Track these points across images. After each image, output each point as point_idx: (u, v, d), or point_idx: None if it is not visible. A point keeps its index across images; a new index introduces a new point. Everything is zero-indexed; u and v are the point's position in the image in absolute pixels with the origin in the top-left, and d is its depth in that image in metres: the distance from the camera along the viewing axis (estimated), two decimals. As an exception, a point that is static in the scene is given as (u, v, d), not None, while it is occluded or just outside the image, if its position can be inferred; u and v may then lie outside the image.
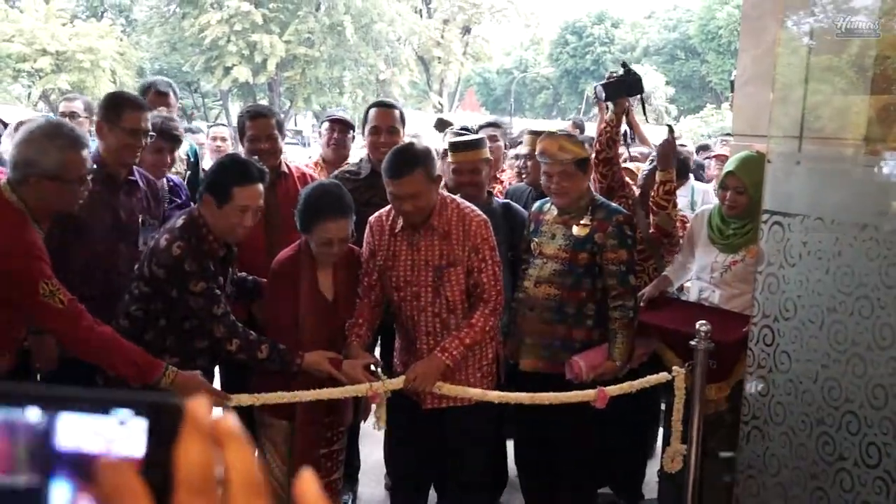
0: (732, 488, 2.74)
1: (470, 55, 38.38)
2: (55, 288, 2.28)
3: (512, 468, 3.55)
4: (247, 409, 2.65)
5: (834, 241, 2.37)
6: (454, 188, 3.26)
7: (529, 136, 3.82)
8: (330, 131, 4.03)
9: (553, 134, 3.25)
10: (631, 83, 3.46)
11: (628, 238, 3.06)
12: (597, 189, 3.33)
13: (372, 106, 3.67)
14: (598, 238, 3.02)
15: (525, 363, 3.13)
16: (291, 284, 2.74)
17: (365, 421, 2.95)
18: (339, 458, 2.92)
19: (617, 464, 3.64)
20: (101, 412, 0.41)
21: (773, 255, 2.55)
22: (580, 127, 6.49)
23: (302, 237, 2.76)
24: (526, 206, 3.44)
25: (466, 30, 37.41)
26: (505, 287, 2.92)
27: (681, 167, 4.21)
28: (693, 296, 3.34)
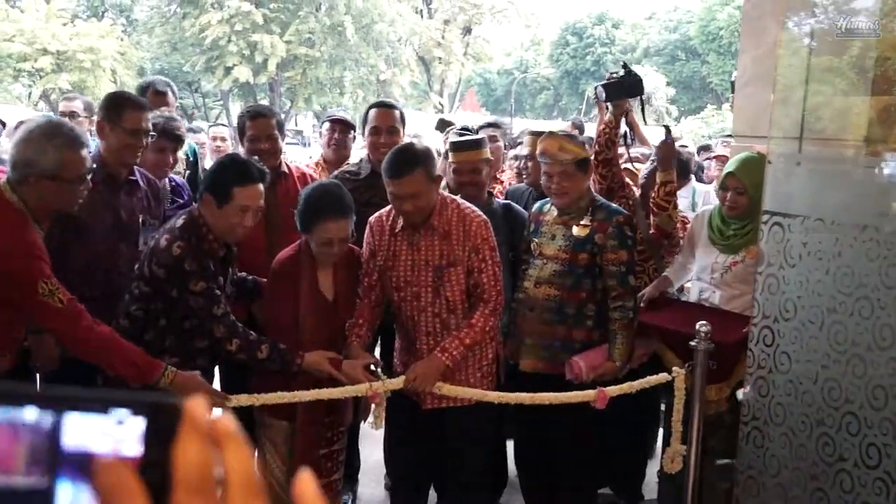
0: (732, 489, 2.74)
1: (470, 56, 38.39)
2: (54, 287, 2.28)
3: (512, 468, 3.55)
4: (247, 410, 2.65)
5: (834, 242, 2.37)
6: (455, 188, 3.27)
7: (530, 137, 3.82)
8: (330, 131, 4.03)
9: (554, 134, 3.25)
10: (631, 85, 3.46)
11: (628, 239, 3.06)
12: (596, 190, 3.33)
13: (372, 106, 3.67)
14: (599, 239, 3.02)
15: (525, 364, 3.13)
16: (291, 284, 2.74)
17: (365, 421, 2.96)
18: (339, 459, 2.92)
19: (617, 464, 3.64)
20: (100, 412, 0.41)
21: (774, 256, 2.55)
22: (579, 127, 6.48)
23: (302, 237, 2.76)
24: (526, 207, 3.44)
25: (467, 30, 37.43)
26: (505, 287, 2.92)
27: (682, 168, 4.21)
28: (693, 296, 3.34)
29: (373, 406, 2.83)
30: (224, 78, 30.01)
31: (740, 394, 2.81)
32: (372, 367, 2.76)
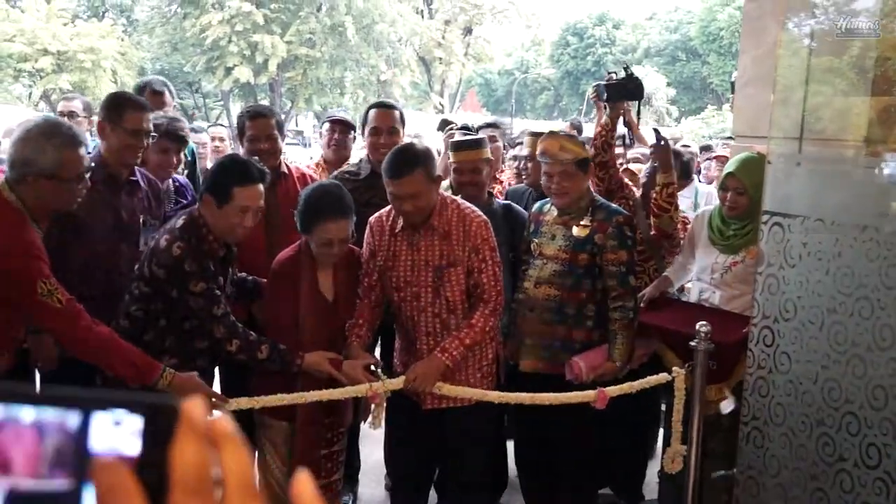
0: (732, 489, 2.74)
1: (471, 56, 38.39)
2: (53, 287, 2.28)
3: (512, 469, 3.55)
4: (246, 410, 2.65)
5: (834, 243, 2.37)
6: (455, 188, 3.27)
7: (530, 138, 3.82)
8: (330, 132, 4.03)
9: (554, 134, 3.25)
10: (633, 88, 3.49)
11: (628, 239, 3.07)
12: (595, 192, 3.33)
13: (372, 107, 3.67)
14: (598, 239, 3.02)
15: (525, 364, 3.13)
16: (292, 285, 2.74)
17: (365, 422, 2.96)
18: (340, 459, 2.92)
19: (617, 464, 3.64)
20: (98, 412, 0.41)
21: (774, 256, 2.55)
22: (578, 128, 6.48)
23: (302, 237, 2.76)
24: (526, 208, 3.44)
25: (468, 31, 37.43)
26: (505, 288, 2.92)
27: (683, 169, 4.21)
28: (693, 296, 3.34)
29: (373, 406, 2.82)
30: (225, 78, 30.02)
31: (724, 406, 2.83)
32: (372, 368, 2.76)
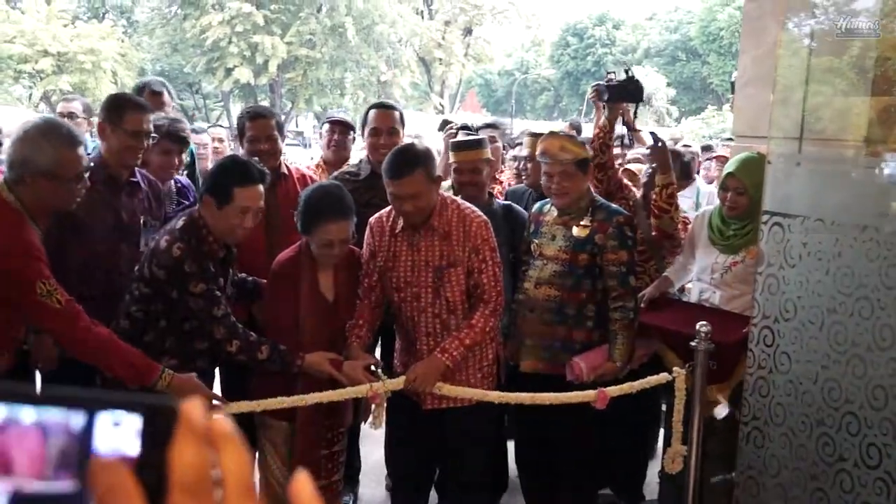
0: (732, 489, 2.74)
1: (471, 56, 38.40)
2: (52, 288, 2.28)
3: (512, 469, 3.55)
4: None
5: (834, 243, 2.37)
6: (456, 188, 3.27)
7: (529, 138, 3.82)
8: (330, 133, 4.04)
9: (555, 134, 3.26)
10: (632, 90, 3.50)
11: (628, 239, 3.06)
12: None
13: (371, 107, 3.68)
14: (599, 239, 3.02)
15: (525, 364, 3.13)
16: (292, 285, 2.74)
17: (365, 422, 2.96)
18: (340, 460, 2.92)
19: (617, 465, 3.64)
20: (100, 413, 0.41)
21: (774, 256, 2.55)
22: (577, 128, 6.48)
23: (302, 238, 2.76)
24: (526, 208, 3.44)
25: (468, 31, 37.43)
26: (505, 288, 2.92)
27: (684, 169, 4.21)
28: (694, 297, 3.34)
29: (373, 406, 2.83)
30: (225, 79, 30.03)
31: (718, 411, 2.83)
32: (372, 368, 2.76)
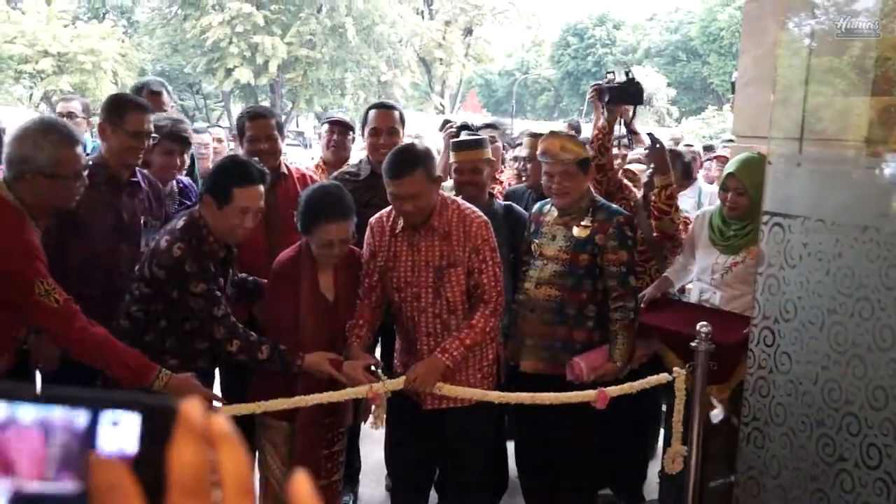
0: (732, 489, 2.74)
1: (471, 57, 38.41)
2: (51, 287, 2.29)
3: (512, 469, 3.55)
4: (247, 410, 2.65)
5: (834, 243, 2.36)
6: (456, 188, 3.27)
7: (529, 139, 3.81)
8: (329, 133, 4.04)
9: (555, 133, 3.26)
10: (633, 92, 3.50)
11: (629, 239, 3.06)
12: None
13: (371, 107, 3.68)
14: (599, 239, 3.02)
15: (526, 365, 3.13)
16: (292, 285, 2.74)
17: (365, 422, 2.96)
18: (340, 460, 2.92)
19: (617, 465, 3.64)
20: (98, 412, 0.41)
21: (774, 257, 2.55)
22: (576, 129, 6.48)
23: (302, 238, 2.76)
24: (526, 208, 3.44)
25: (468, 31, 37.45)
26: (506, 289, 2.92)
27: (685, 169, 4.21)
28: (694, 297, 3.34)
29: (373, 407, 2.82)
30: (225, 79, 30.05)
31: (714, 415, 2.83)
32: (372, 368, 2.76)
